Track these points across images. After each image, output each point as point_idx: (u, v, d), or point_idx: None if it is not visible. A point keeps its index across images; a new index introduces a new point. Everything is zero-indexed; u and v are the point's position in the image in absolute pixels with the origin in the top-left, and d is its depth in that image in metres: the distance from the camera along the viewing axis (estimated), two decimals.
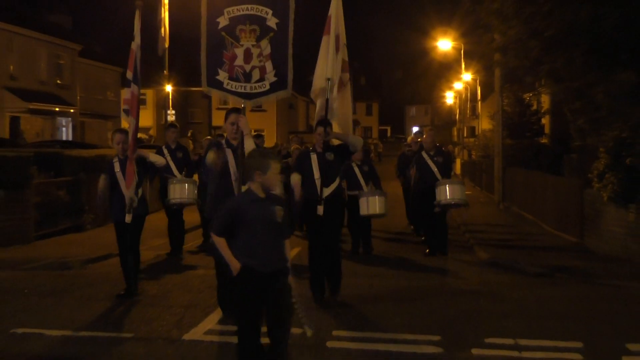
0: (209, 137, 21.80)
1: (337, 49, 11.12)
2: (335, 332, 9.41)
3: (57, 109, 44.83)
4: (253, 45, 10.22)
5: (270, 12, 10.29)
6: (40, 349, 8.64)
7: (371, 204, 14.85)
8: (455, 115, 67.29)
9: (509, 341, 9.06)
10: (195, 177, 16.55)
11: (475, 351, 8.67)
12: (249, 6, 10.34)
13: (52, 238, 17.04)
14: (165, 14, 30.35)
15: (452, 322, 10.12)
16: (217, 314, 10.31)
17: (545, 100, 34.52)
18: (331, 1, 11.82)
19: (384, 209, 15.11)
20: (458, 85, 62.85)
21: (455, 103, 67.18)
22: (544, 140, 34.02)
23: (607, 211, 16.64)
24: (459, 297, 11.91)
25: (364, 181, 15.64)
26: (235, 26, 10.27)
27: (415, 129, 24.49)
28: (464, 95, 63.53)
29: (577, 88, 24.97)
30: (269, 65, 10.24)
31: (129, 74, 10.34)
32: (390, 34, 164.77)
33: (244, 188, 8.37)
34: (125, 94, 10.24)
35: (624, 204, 15.59)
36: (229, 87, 10.29)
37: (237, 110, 9.76)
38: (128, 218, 10.26)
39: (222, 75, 10.26)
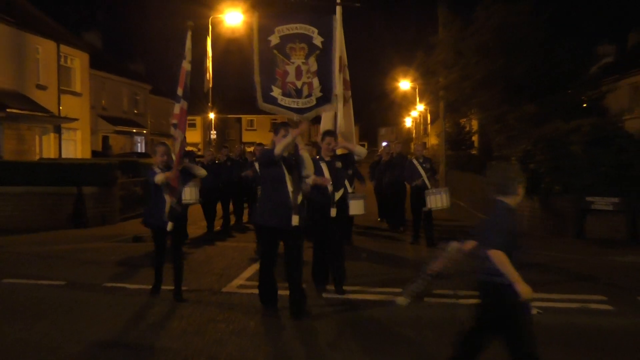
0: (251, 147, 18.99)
1: (340, 69, 9.71)
2: (330, 287, 8.98)
3: (134, 130, 45.31)
4: (303, 63, 8.88)
5: (316, 31, 8.99)
6: (122, 298, 8.50)
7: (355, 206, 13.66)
8: (413, 134, 67.38)
9: (449, 292, 8.61)
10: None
11: (427, 298, 8.33)
12: (298, 25, 9.02)
13: (131, 220, 16.92)
14: (209, 63, 30.44)
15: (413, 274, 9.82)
16: (247, 273, 10.07)
17: (475, 124, 34.64)
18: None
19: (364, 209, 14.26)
20: (414, 113, 63.64)
21: (412, 125, 67.63)
22: (474, 152, 34.21)
23: None
24: (411, 262, 11.26)
25: (349, 182, 13.06)
26: (286, 44, 8.86)
27: (384, 144, 25.03)
28: (418, 120, 64.01)
29: (496, 115, 25.80)
30: (315, 82, 8.91)
31: (179, 91, 8.74)
32: (367, 76, 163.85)
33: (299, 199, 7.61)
34: (176, 109, 8.73)
35: (529, 195, 15.50)
36: (282, 103, 8.85)
37: (285, 125, 7.80)
38: (170, 226, 8.23)
39: (276, 92, 8.81)
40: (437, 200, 12.76)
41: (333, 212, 8.77)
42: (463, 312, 7.82)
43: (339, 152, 9.14)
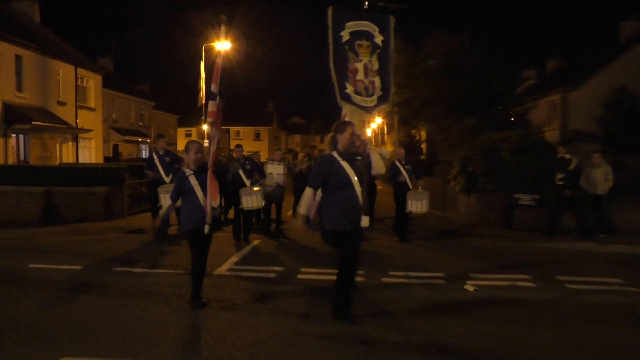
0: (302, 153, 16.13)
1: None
2: (303, 269, 9.11)
3: (140, 140, 45.06)
4: (369, 61, 7.33)
5: (377, 29, 7.45)
6: (129, 279, 8.50)
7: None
8: (373, 142, 68.03)
9: (402, 273, 8.89)
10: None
11: (385, 279, 8.43)
12: (364, 22, 7.47)
13: (137, 215, 16.76)
14: (202, 84, 30.29)
15: (373, 260, 9.78)
16: (234, 258, 9.99)
17: (424, 134, 34.68)
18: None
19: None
20: (374, 125, 63.89)
21: (372, 135, 67.94)
22: (423, 157, 34.20)
23: (458, 198, 16.88)
24: (383, 249, 11.39)
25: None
26: (355, 41, 7.29)
27: None
28: (377, 130, 64.38)
29: (441, 127, 26.06)
30: (377, 81, 7.31)
31: (214, 87, 7.30)
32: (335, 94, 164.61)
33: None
34: (211, 106, 7.27)
35: (467, 193, 15.86)
36: (355, 101, 7.15)
37: (349, 123, 6.61)
38: (207, 229, 6.76)
39: (350, 89, 7.16)
40: (417, 205, 12.03)
41: (365, 220, 6.29)
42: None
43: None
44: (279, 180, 12.83)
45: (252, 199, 11.74)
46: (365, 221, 6.22)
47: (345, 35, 7.26)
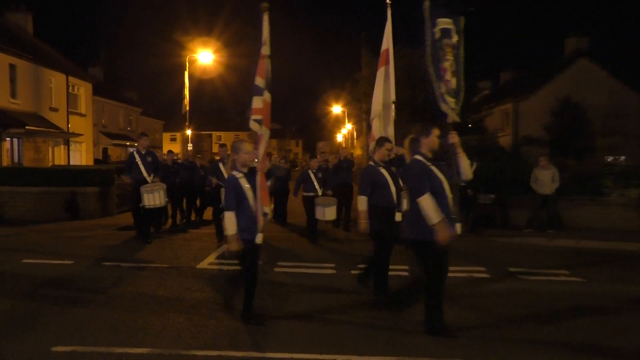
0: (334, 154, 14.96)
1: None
2: (279, 263, 9.05)
3: (127, 143, 44.45)
4: (453, 61, 6.25)
5: (454, 29, 6.36)
6: (118, 273, 8.44)
7: (327, 213, 11.15)
8: (343, 145, 68.06)
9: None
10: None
11: (354, 271, 8.01)
12: (448, 20, 6.38)
13: (125, 213, 16.20)
14: (186, 92, 30.04)
15: (339, 256, 9.68)
16: (216, 253, 9.84)
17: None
18: (384, 38, 8.85)
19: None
20: (344, 130, 64.05)
21: (343, 140, 67.90)
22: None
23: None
24: (341, 242, 11.45)
25: (319, 185, 11.55)
26: (443, 39, 6.22)
27: (322, 153, 25.00)
28: (347, 136, 64.48)
29: (404, 133, 26.29)
30: (454, 82, 6.24)
31: (260, 81, 6.18)
32: (308, 101, 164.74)
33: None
34: (257, 102, 6.11)
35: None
36: (447, 103, 6.10)
37: (430, 124, 5.63)
38: (260, 238, 5.69)
39: (443, 88, 6.08)
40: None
41: (399, 216, 6.74)
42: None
43: (379, 156, 6.99)
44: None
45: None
46: (458, 228, 5.42)
47: (437, 33, 6.27)
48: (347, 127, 60.30)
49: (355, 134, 59.43)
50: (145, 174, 10.89)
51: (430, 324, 5.46)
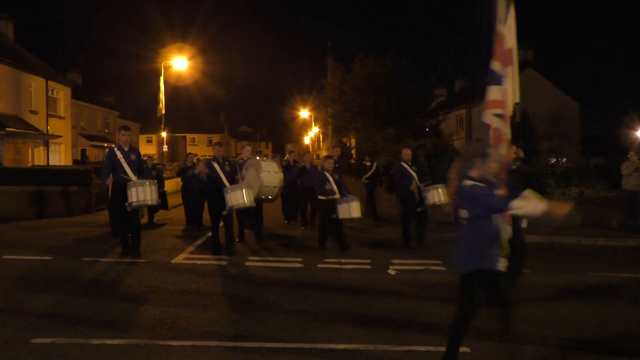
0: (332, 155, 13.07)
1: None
2: (250, 257, 9.03)
3: (105, 145, 43.65)
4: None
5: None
6: (96, 268, 8.33)
7: (352, 209, 10.03)
8: (310, 148, 67.78)
9: (335, 260, 8.85)
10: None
11: (320, 265, 8.39)
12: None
13: (103, 211, 15.73)
14: (162, 96, 29.66)
15: (310, 251, 9.80)
16: (190, 248, 9.78)
17: (353, 141, 34.59)
18: (507, 35, 6.11)
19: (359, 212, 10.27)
20: (311, 133, 63.99)
21: (310, 142, 67.86)
22: (353, 161, 33.83)
23: (383, 195, 16.71)
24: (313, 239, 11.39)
25: (337, 187, 10.21)
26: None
27: (290, 153, 24.51)
28: (314, 138, 64.54)
29: (367, 136, 26.33)
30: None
31: (498, 66, 4.60)
32: (278, 105, 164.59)
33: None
34: (494, 93, 4.53)
35: (390, 191, 15.85)
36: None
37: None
38: (504, 264, 4.16)
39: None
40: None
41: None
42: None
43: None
44: (275, 179, 9.94)
45: (236, 195, 9.16)
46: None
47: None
48: (314, 130, 60.37)
49: (321, 137, 59.53)
50: (130, 173, 8.62)
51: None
